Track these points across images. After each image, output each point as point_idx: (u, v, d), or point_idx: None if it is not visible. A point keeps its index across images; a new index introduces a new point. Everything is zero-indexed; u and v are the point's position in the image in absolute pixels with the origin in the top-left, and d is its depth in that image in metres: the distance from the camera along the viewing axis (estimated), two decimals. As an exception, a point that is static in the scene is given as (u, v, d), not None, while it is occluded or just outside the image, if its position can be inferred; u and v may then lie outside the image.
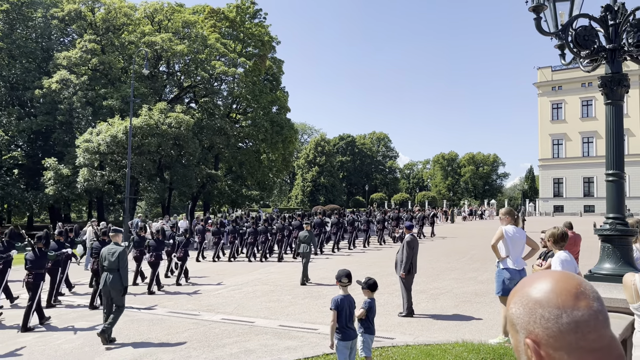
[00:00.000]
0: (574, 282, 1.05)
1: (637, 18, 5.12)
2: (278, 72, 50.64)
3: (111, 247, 9.22)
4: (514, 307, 1.07)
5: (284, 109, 49.08)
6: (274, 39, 49.51)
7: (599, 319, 1.01)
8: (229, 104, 47.85)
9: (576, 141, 63.80)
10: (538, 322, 1.01)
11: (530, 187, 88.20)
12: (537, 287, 1.05)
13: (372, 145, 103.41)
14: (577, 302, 1.01)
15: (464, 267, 16.99)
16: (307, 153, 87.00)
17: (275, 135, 44.31)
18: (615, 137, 5.10)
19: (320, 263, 19.05)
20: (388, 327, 9.08)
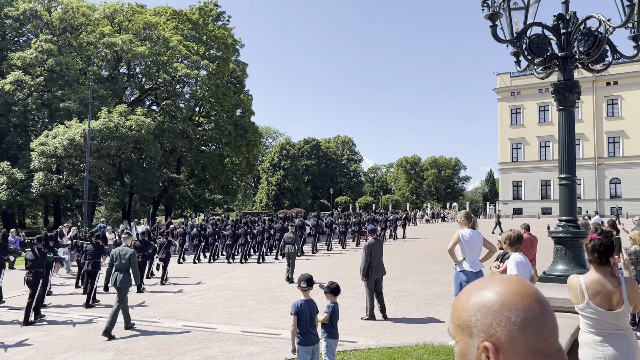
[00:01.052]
0: (532, 287, 1.06)
1: (588, 27, 5.29)
2: (242, 75, 50.33)
3: (122, 248, 10.12)
4: (471, 311, 1.03)
5: (248, 112, 48.80)
6: (238, 42, 49.21)
7: (555, 324, 1.03)
8: (192, 107, 47.25)
9: (534, 145, 65.73)
10: (503, 325, 0.99)
11: (491, 190, 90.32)
12: (497, 291, 1.03)
13: (337, 149, 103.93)
14: (539, 306, 1.01)
15: (426, 270, 17.21)
16: (271, 157, 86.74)
17: (239, 138, 43.95)
18: (567, 142, 5.26)
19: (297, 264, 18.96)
20: (351, 331, 9.10)
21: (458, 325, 1.06)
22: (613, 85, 62.03)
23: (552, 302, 4.70)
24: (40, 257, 11.05)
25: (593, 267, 3.64)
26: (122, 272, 9.77)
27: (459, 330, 1.05)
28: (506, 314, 0.99)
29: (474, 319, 1.02)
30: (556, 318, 1.03)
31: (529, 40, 5.40)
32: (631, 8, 4.83)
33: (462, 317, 1.05)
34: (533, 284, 5.71)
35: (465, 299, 1.06)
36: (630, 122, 60.56)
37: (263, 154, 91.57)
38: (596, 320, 3.53)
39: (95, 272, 12.76)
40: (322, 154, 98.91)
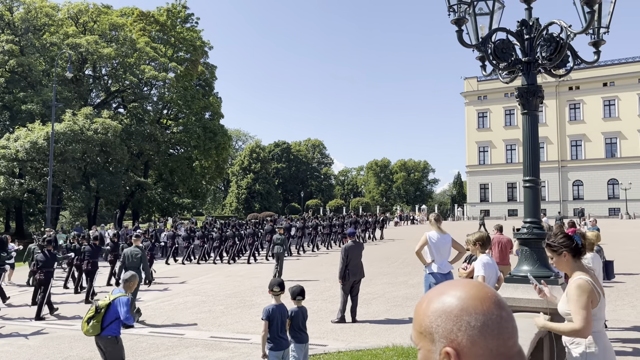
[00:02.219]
0: (491, 290, 1.06)
1: (550, 33, 5.41)
2: (211, 77, 49.87)
3: (133, 249, 11.32)
4: (432, 316, 1.03)
5: (217, 115, 48.39)
6: (207, 44, 48.77)
7: (514, 326, 1.04)
8: (159, 110, 46.54)
9: (500, 148, 67.12)
10: (463, 330, 0.99)
11: (459, 193, 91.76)
12: (457, 296, 1.03)
13: (308, 152, 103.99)
14: (499, 309, 1.02)
15: (396, 272, 17.35)
16: (241, 160, 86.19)
17: (208, 141, 43.49)
18: (531, 145, 5.36)
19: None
20: (321, 334, 9.08)
21: (420, 332, 1.05)
22: (575, 90, 63.91)
23: (517, 302, 4.79)
24: (51, 258, 12.33)
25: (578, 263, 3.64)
26: (133, 270, 10.33)
27: (421, 337, 1.05)
28: (466, 318, 1.00)
29: (434, 324, 1.02)
30: (515, 320, 1.04)
31: (493, 45, 5.49)
32: (591, 15, 4.96)
33: (423, 323, 1.05)
34: (499, 285, 5.82)
35: (426, 305, 1.06)
36: (591, 126, 62.48)
37: (233, 157, 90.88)
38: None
39: (94, 271, 14.02)
40: (293, 157, 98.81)
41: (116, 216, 41.73)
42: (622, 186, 58.47)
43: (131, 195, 41.05)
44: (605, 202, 60.72)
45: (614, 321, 9.09)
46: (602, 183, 61.56)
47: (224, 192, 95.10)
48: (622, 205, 56.99)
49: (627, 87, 60.96)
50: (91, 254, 14.18)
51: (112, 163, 36.84)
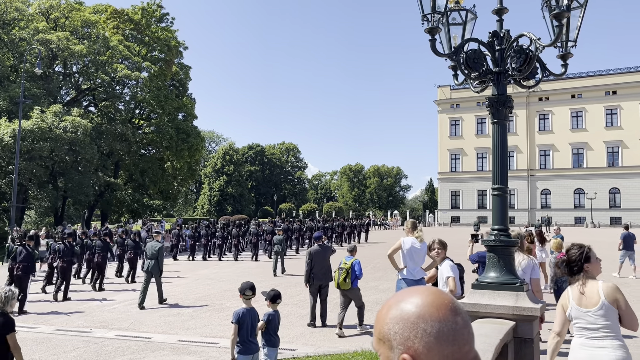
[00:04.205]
0: (448, 297, 1.08)
1: (520, 45, 5.53)
2: (185, 78, 49.32)
3: (153, 243, 13.16)
4: (391, 324, 1.05)
5: (191, 116, 47.87)
6: (181, 44, 48.25)
7: (470, 332, 1.05)
8: (132, 109, 45.79)
9: (471, 156, 68.23)
10: (420, 337, 1.01)
11: (430, 199, 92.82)
12: (415, 303, 1.05)
13: (282, 155, 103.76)
14: (454, 315, 1.03)
15: (367, 276, 17.38)
16: (214, 162, 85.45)
17: (180, 142, 42.95)
18: (500, 154, 5.46)
19: (250, 265, 18.65)
20: (290, 339, 9.05)
21: (379, 339, 1.07)
22: (545, 100, 65.49)
23: (484, 308, 4.86)
24: (70, 249, 14.46)
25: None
26: (152, 260, 12.77)
27: (380, 343, 1.07)
28: (422, 325, 1.01)
29: (392, 331, 1.04)
30: (472, 327, 1.06)
31: (465, 55, 5.58)
32: (560, 28, 5.09)
33: (382, 330, 1.06)
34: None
35: (385, 312, 1.08)
36: (559, 136, 64.08)
37: (205, 159, 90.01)
38: None
39: (104, 263, 15.70)
40: (267, 160, 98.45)
41: (84, 216, 40.86)
42: (587, 196, 60.09)
43: (100, 196, 40.25)
44: (571, 211, 62.29)
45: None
46: (569, 192, 63.16)
47: (196, 194, 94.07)
48: (588, 214, 58.56)
49: (595, 100, 62.77)
50: (102, 249, 15.95)
51: (81, 162, 36.03)
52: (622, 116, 61.37)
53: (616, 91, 61.97)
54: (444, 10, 5.46)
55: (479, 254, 8.44)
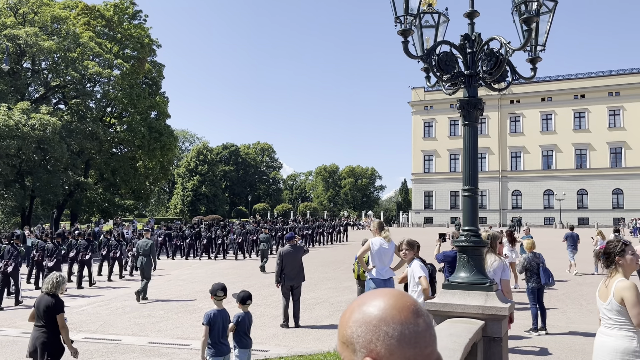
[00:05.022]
0: (411, 299, 1.08)
1: (491, 48, 5.61)
2: (158, 76, 48.59)
3: (145, 241, 14.03)
4: (353, 327, 1.04)
5: (164, 115, 47.20)
6: (155, 42, 47.54)
7: (432, 334, 1.05)
8: (103, 107, 44.91)
9: (445, 157, 69.07)
10: (382, 340, 1.00)
11: (404, 200, 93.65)
12: (377, 305, 1.04)
13: (256, 155, 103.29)
14: (416, 318, 1.03)
15: (341, 277, 17.47)
16: (188, 161, 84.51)
17: (153, 141, 42.27)
18: (471, 155, 5.52)
19: (224, 265, 18.46)
20: (263, 340, 9.00)
21: (342, 342, 1.06)
22: (516, 103, 66.73)
23: (455, 308, 4.91)
24: (89, 244, 17.03)
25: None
26: (145, 257, 13.52)
27: (343, 347, 1.06)
28: (384, 328, 1.01)
29: (355, 335, 1.03)
30: (434, 328, 1.06)
31: (437, 57, 5.63)
32: (529, 33, 5.18)
33: (345, 333, 1.06)
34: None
35: (348, 315, 1.07)
36: (529, 138, 65.39)
37: (179, 159, 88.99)
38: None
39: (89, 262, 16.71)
40: (241, 160, 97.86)
41: (52, 216, 39.92)
42: (556, 197, 61.45)
43: (70, 195, 39.36)
44: (541, 212, 63.61)
45: (548, 327, 9.49)
46: (539, 193, 64.48)
47: (169, 194, 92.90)
48: (557, 215, 59.90)
49: (564, 103, 64.24)
50: (86, 248, 16.88)
51: (50, 161, 35.19)
52: (590, 119, 62.95)
53: (584, 95, 63.54)
54: (416, 12, 5.51)
55: (445, 254, 8.54)
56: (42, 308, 5.92)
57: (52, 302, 5.93)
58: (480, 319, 4.83)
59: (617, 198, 61.29)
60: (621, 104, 61.66)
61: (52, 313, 5.88)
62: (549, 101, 65.33)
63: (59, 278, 6.08)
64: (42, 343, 5.81)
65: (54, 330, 5.90)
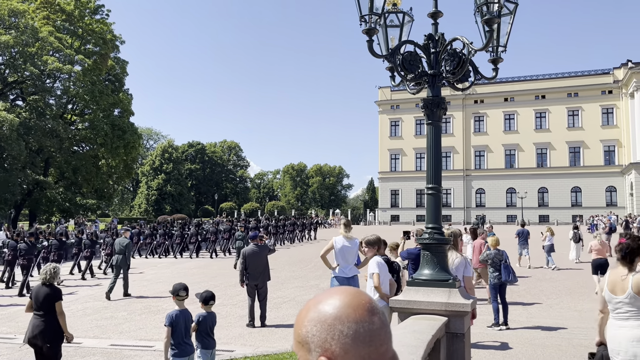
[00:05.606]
0: (366, 297, 1.07)
1: (454, 48, 5.69)
2: (121, 73, 47.56)
3: (121, 240, 14.32)
4: (308, 326, 1.03)
5: (127, 112, 46.23)
6: (118, 38, 46.52)
7: (387, 332, 1.05)
8: (63, 104, 43.66)
9: (410, 156, 69.92)
10: (336, 339, 1.00)
11: (371, 198, 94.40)
12: (332, 304, 1.04)
13: (223, 153, 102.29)
14: (371, 316, 1.03)
15: (307, 275, 17.48)
16: (152, 160, 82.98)
17: (116, 139, 41.35)
18: (434, 154, 5.59)
19: (189, 265, 18.17)
20: (228, 340, 8.92)
21: (298, 342, 1.05)
22: (480, 103, 68.09)
23: (418, 305, 4.97)
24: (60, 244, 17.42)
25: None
26: (120, 254, 13.73)
27: (299, 346, 1.05)
28: (339, 327, 1.01)
29: (310, 334, 1.03)
30: (389, 326, 1.06)
31: (402, 56, 5.67)
32: (490, 34, 5.27)
33: (300, 332, 1.05)
34: (393, 288, 6.05)
35: (304, 314, 1.06)
36: (493, 138, 66.84)
37: (143, 157, 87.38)
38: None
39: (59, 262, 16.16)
40: (208, 159, 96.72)
41: (10, 216, 38.61)
42: (518, 195, 63.01)
43: (28, 195, 38.17)
44: (504, 210, 65.10)
45: (510, 322, 9.71)
46: (502, 192, 65.99)
47: (133, 193, 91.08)
48: (519, 213, 61.39)
49: (525, 103, 65.90)
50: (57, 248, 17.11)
51: (6, 159, 34.03)
52: (550, 119, 64.77)
53: (545, 95, 65.32)
54: (381, 11, 5.53)
55: (409, 251, 8.64)
56: (41, 298, 6.27)
57: (51, 291, 6.32)
58: (444, 316, 4.90)
59: (576, 196, 63.27)
60: (579, 104, 63.65)
61: (52, 301, 6.27)
62: (511, 101, 66.89)
63: (54, 269, 6.47)
64: (43, 330, 6.20)
65: (54, 318, 6.32)
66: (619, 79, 61.26)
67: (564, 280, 15.97)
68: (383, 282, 6.32)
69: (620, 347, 4.43)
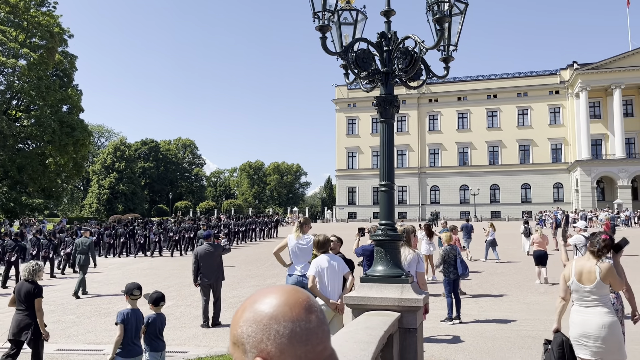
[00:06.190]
0: (303, 295, 1.05)
1: (406, 46, 5.74)
2: (70, 68, 45.87)
3: (83, 239, 14.70)
4: (244, 326, 0.99)
5: (77, 109, 44.65)
6: (66, 32, 44.82)
7: (325, 330, 1.02)
8: (7, 100, 41.75)
9: (367, 154, 70.59)
10: (272, 339, 0.97)
11: (329, 196, 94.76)
12: (269, 303, 1.01)
13: (178, 151, 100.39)
14: (308, 314, 1.00)
15: (265, 274, 17.37)
16: (104, 158, 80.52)
17: (64, 136, 39.85)
18: (387, 151, 5.62)
19: (141, 266, 17.65)
20: (182, 341, 8.75)
21: (233, 343, 1.02)
22: (434, 102, 69.44)
23: (372, 301, 4.99)
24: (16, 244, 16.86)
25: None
26: (84, 254, 14.16)
27: (234, 347, 1.01)
28: (275, 326, 0.98)
29: (245, 334, 0.99)
30: (327, 324, 1.04)
31: (355, 54, 5.68)
32: (441, 32, 5.34)
33: (235, 333, 1.01)
34: (346, 284, 6.07)
35: (239, 314, 1.03)
36: (447, 136, 68.33)
37: (94, 155, 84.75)
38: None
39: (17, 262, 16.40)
40: (162, 157, 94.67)
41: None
42: (471, 192, 64.68)
43: (-31, 194, 36.35)
44: (457, 206, 66.66)
45: (462, 315, 9.93)
46: (455, 188, 67.57)
47: (83, 192, 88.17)
48: (472, 209, 63.01)
49: (478, 103, 67.67)
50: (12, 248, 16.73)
51: (-55, 157, 32.26)
52: (502, 118, 66.75)
53: (497, 95, 67.25)
54: (334, 9, 5.52)
55: (364, 248, 8.72)
56: (23, 293, 6.52)
57: (32, 287, 6.53)
58: (397, 311, 4.94)
59: (526, 192, 65.49)
60: (529, 104, 65.87)
61: (33, 297, 6.51)
62: (464, 100, 68.52)
63: (35, 266, 6.66)
64: (26, 325, 6.49)
65: (34, 313, 6.57)
66: (566, 79, 63.79)
67: (514, 274, 16.49)
68: (330, 284, 6.30)
69: (591, 333, 4.78)
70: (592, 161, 58.69)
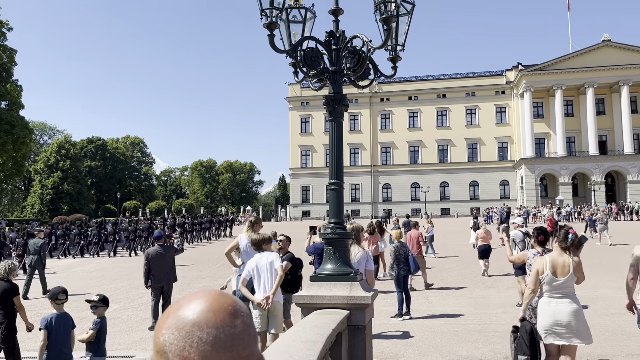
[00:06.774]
0: (229, 299, 1.02)
1: (354, 46, 5.78)
2: (9, 62, 43.67)
3: (36, 240, 14.69)
4: (166, 334, 0.95)
5: (17, 105, 42.61)
6: (5, 24, 42.70)
7: (251, 335, 1.00)
8: (-60, 95, 39.45)
9: (321, 152, 70.83)
10: (195, 346, 0.93)
11: (283, 194, 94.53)
12: (193, 309, 0.97)
13: (126, 150, 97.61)
14: (233, 319, 0.97)
15: (215, 274, 17.14)
16: (47, 156, 77.22)
17: (3, 134, 37.97)
18: (336, 150, 5.64)
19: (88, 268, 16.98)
20: (129, 345, 8.51)
21: (156, 351, 0.97)
22: (386, 101, 70.45)
23: (321, 299, 5.00)
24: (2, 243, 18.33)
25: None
26: (35, 255, 14.32)
27: (157, 356, 0.97)
28: (198, 333, 0.94)
29: (168, 342, 0.95)
30: (254, 328, 1.02)
31: (304, 52, 5.67)
32: (388, 32, 5.40)
33: (158, 342, 0.97)
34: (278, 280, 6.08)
35: (162, 322, 0.98)
36: (398, 135, 69.49)
37: (36, 153, 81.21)
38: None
39: None
40: (109, 155, 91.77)
41: None
42: (422, 189, 66.02)
43: None
44: (408, 203, 67.89)
45: (412, 311, 10.11)
46: (407, 186, 68.83)
47: (25, 193, 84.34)
48: (422, 206, 64.33)
49: (428, 102, 69.15)
50: None
51: None
52: (451, 117, 68.48)
53: (446, 94, 68.91)
54: (282, 6, 5.48)
55: (315, 246, 8.75)
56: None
57: (7, 286, 6.51)
58: (346, 309, 4.97)
59: (474, 190, 67.45)
60: (476, 103, 67.85)
61: (9, 296, 6.50)
62: (415, 100, 69.83)
63: (10, 265, 6.69)
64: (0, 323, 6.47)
65: (10, 312, 6.52)
66: (511, 80, 66.09)
67: (462, 269, 16.94)
68: (269, 282, 6.31)
69: (563, 319, 5.26)
70: (536, 159, 61.10)
